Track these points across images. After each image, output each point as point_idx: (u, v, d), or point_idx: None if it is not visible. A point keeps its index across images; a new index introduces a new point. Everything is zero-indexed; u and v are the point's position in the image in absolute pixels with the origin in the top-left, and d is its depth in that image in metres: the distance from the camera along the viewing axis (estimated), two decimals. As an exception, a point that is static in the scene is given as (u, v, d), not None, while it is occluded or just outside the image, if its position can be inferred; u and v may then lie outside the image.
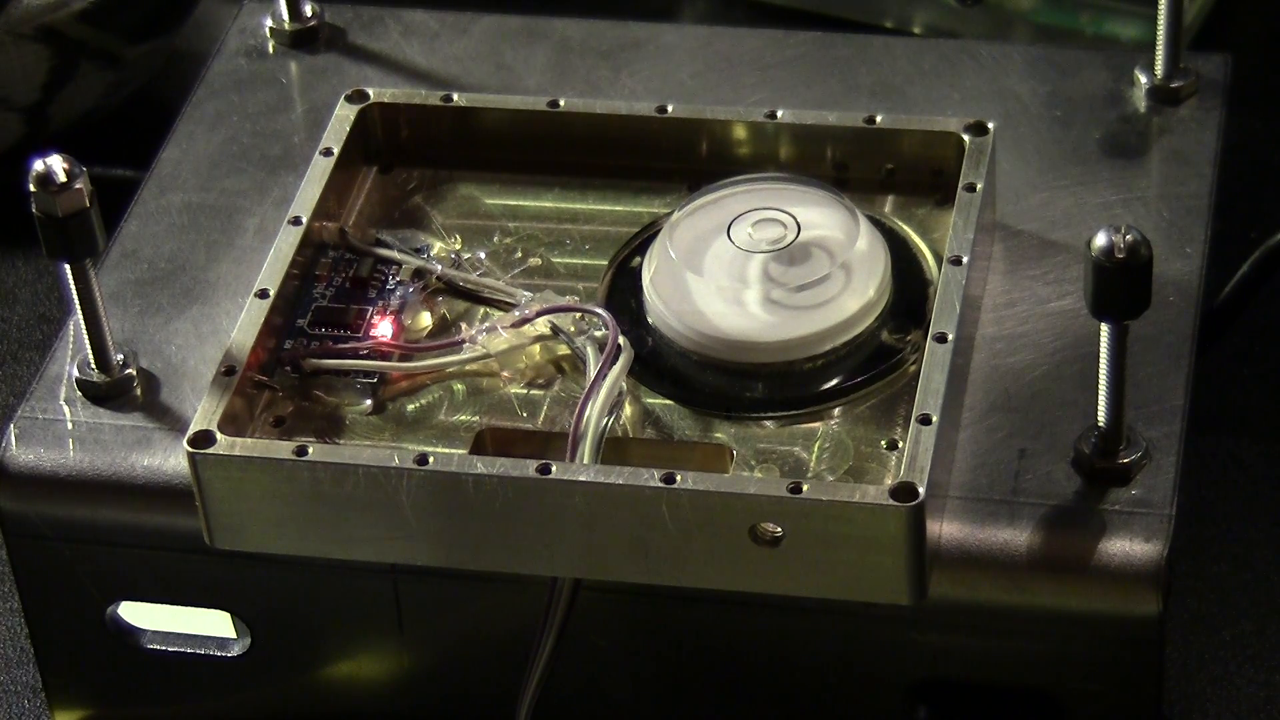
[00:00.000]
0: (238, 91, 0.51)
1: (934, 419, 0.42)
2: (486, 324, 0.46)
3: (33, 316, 0.56)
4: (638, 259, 0.46)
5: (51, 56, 0.59)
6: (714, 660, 0.44)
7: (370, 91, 0.49)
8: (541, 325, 0.45)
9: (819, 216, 0.45)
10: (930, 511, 0.40)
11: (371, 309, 0.46)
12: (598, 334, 0.45)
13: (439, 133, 0.49)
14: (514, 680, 0.42)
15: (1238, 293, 0.50)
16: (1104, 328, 0.41)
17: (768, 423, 0.44)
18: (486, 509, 0.42)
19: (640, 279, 0.46)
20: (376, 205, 0.49)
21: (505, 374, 0.45)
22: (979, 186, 0.46)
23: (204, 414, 0.43)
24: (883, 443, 0.43)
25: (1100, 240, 0.40)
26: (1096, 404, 0.42)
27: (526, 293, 0.46)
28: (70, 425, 0.45)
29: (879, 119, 0.47)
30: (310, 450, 0.42)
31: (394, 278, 0.47)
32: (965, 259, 0.44)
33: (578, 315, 0.45)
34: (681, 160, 0.48)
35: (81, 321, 0.45)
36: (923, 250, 0.46)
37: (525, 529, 0.42)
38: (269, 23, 0.52)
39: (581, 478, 0.41)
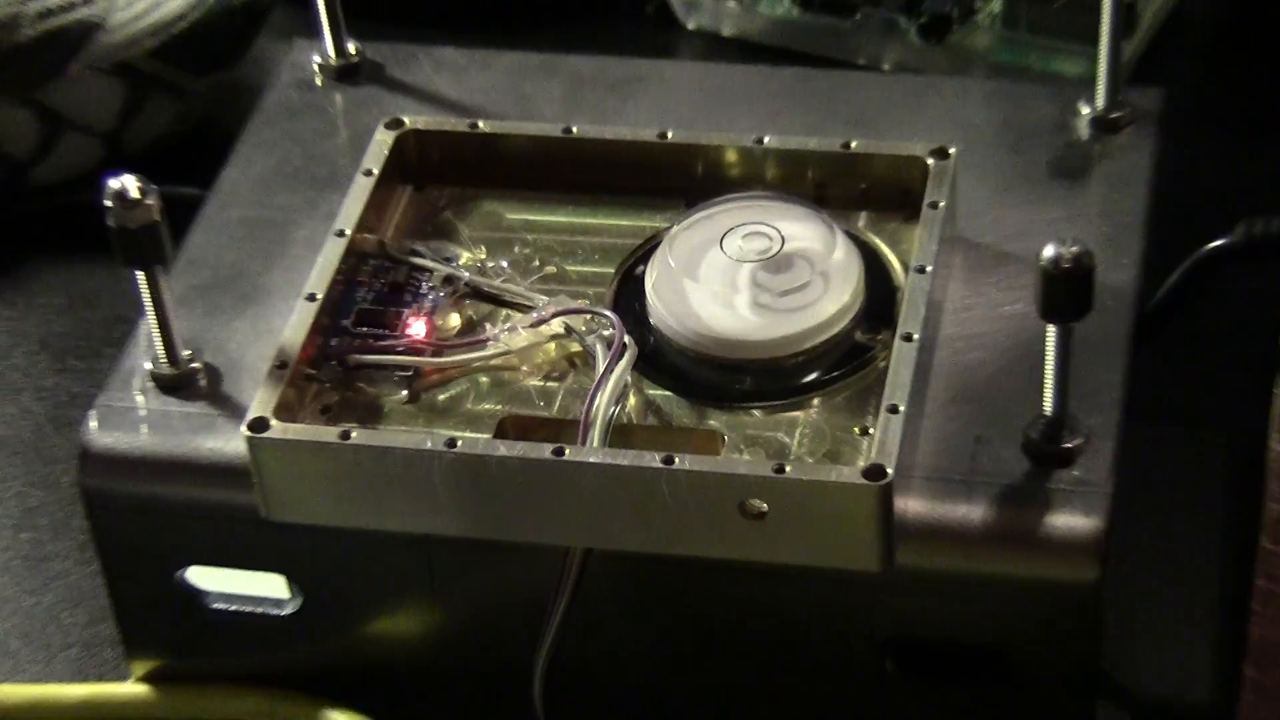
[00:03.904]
0: (289, 119, 0.52)
1: (901, 409, 0.42)
2: (508, 324, 0.46)
3: (111, 317, 0.57)
4: (641, 267, 0.47)
5: (126, 89, 0.60)
6: (707, 619, 0.45)
7: (406, 119, 0.50)
8: (556, 325, 0.46)
9: (800, 230, 0.46)
10: (897, 489, 0.41)
11: (407, 311, 0.47)
12: (605, 333, 0.45)
13: (466, 155, 0.50)
14: (532, 636, 0.43)
15: (1168, 299, 0.51)
16: (1051, 329, 0.41)
17: (755, 411, 0.45)
18: (508, 486, 0.42)
19: (643, 285, 0.46)
20: (411, 220, 0.49)
21: (524, 368, 0.46)
22: (941, 204, 0.46)
23: (260, 403, 0.43)
24: (856, 429, 0.44)
25: (1049, 251, 0.40)
26: (1043, 395, 0.43)
27: (543, 297, 0.47)
28: (143, 412, 0.45)
29: (854, 145, 0.48)
30: (353, 435, 0.43)
31: (427, 283, 0.47)
32: (929, 268, 0.45)
33: (588, 316, 0.46)
34: (679, 180, 0.49)
35: (153, 321, 0.45)
36: (892, 260, 0.47)
37: (542, 504, 0.42)
38: (317, 59, 0.53)
39: (591, 459, 0.42)
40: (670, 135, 0.49)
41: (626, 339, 0.45)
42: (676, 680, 0.46)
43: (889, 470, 0.41)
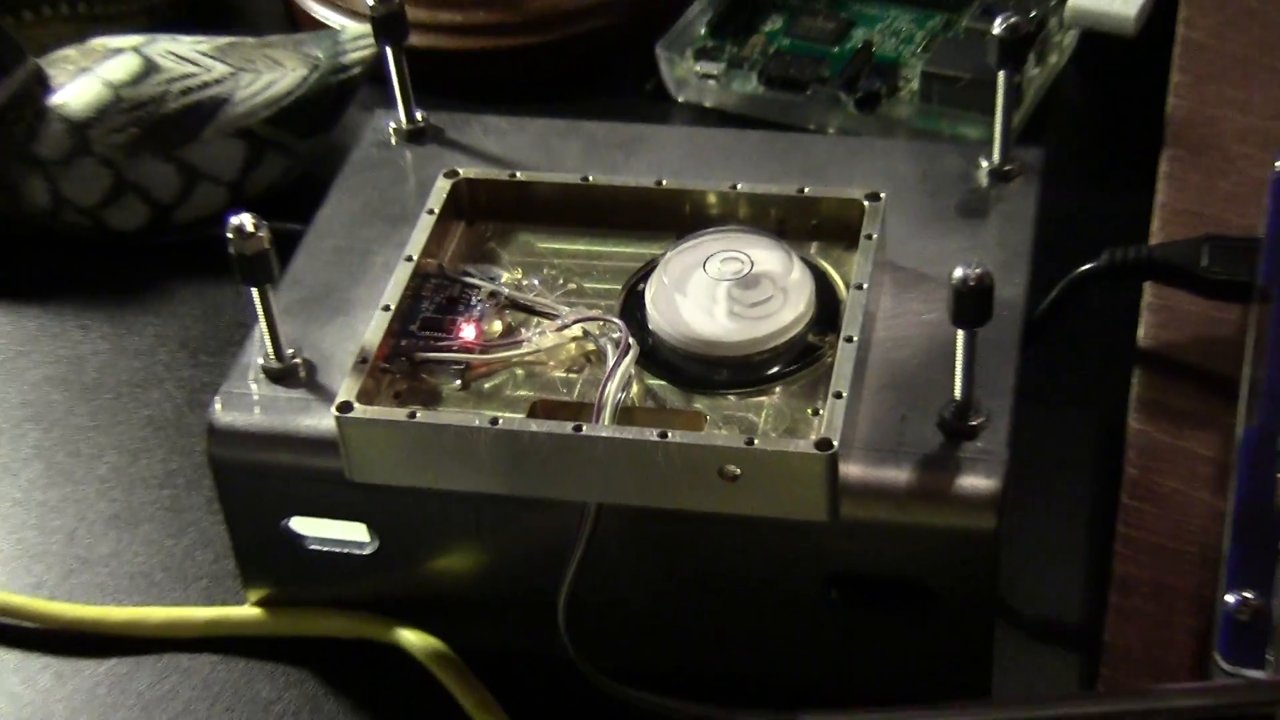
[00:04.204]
0: (370, 171, 0.52)
1: (844, 395, 0.42)
2: (538, 329, 0.46)
3: (233, 324, 0.57)
4: (641, 285, 0.46)
5: (247, 149, 0.60)
6: (693, 559, 0.44)
7: (460, 170, 0.49)
8: (576, 330, 0.46)
9: (765, 256, 0.46)
10: (841, 457, 0.41)
11: (460, 318, 0.46)
12: (614, 336, 0.45)
13: (506, 198, 0.49)
14: (557, 572, 0.43)
15: (1049, 310, 0.51)
16: (960, 332, 0.41)
17: (730, 397, 0.44)
18: (537, 455, 0.42)
19: (644, 298, 0.46)
20: (463, 248, 0.49)
21: (551, 363, 0.46)
22: (875, 236, 0.46)
23: (346, 390, 0.43)
24: (809, 411, 0.44)
25: (958, 273, 0.40)
26: (954, 384, 0.42)
27: (565, 307, 0.46)
28: (256, 397, 0.45)
29: (806, 190, 0.48)
30: (418, 414, 0.43)
31: (475, 297, 0.47)
32: (865, 285, 0.45)
33: (601, 323, 0.46)
34: (672, 218, 0.48)
35: (264, 327, 0.45)
36: (836, 279, 0.47)
37: (564, 468, 0.42)
38: (392, 124, 0.53)
39: (603, 434, 0.42)
40: (664, 183, 0.48)
41: (630, 340, 0.44)
42: (669, 608, 0.45)
43: (834, 442, 0.41)
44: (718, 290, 0.45)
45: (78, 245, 0.60)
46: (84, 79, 0.59)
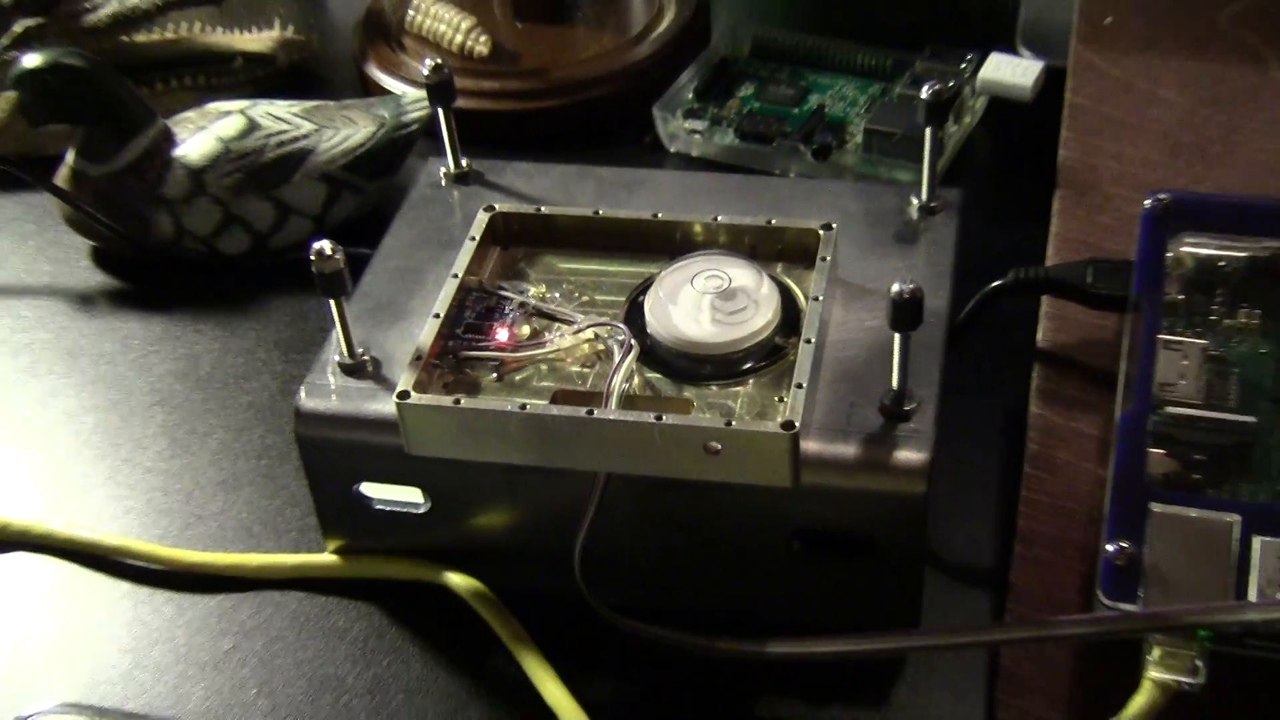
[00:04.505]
0: (425, 207, 0.50)
1: (803, 386, 0.41)
2: (559, 332, 0.45)
3: (315, 329, 0.56)
4: (641, 297, 0.45)
5: (327, 189, 0.58)
6: (683, 517, 0.43)
7: (496, 205, 0.48)
8: (589, 333, 0.44)
9: (741, 274, 0.45)
10: (801, 436, 0.40)
11: (496, 324, 0.45)
12: (619, 338, 0.44)
13: (533, 228, 0.48)
14: (573, 528, 0.42)
15: (967, 318, 0.49)
16: (897, 336, 0.40)
17: (713, 387, 0.43)
18: (558, 433, 0.41)
19: (644, 308, 0.45)
20: (499, 268, 0.48)
21: (569, 360, 0.44)
22: (828, 259, 0.45)
23: (404, 381, 0.42)
24: (776, 399, 0.42)
25: (895, 288, 0.39)
26: (892, 377, 0.41)
27: (580, 315, 0.45)
28: (333, 387, 0.44)
29: (773, 221, 0.46)
30: (462, 401, 0.41)
31: (508, 307, 0.46)
32: (820, 298, 0.44)
33: (608, 327, 0.44)
34: (666, 243, 0.47)
35: (339, 331, 0.44)
36: (798, 293, 0.45)
37: (579, 444, 0.41)
38: (443, 169, 0.51)
39: (610, 417, 0.41)
40: (659, 216, 0.47)
41: (632, 342, 0.43)
42: (663, 557, 0.44)
43: (796, 424, 0.40)
44: (702, 301, 0.44)
45: (194, 267, 0.59)
46: (201, 135, 0.58)
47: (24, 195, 0.63)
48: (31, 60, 0.56)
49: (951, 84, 0.56)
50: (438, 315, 0.44)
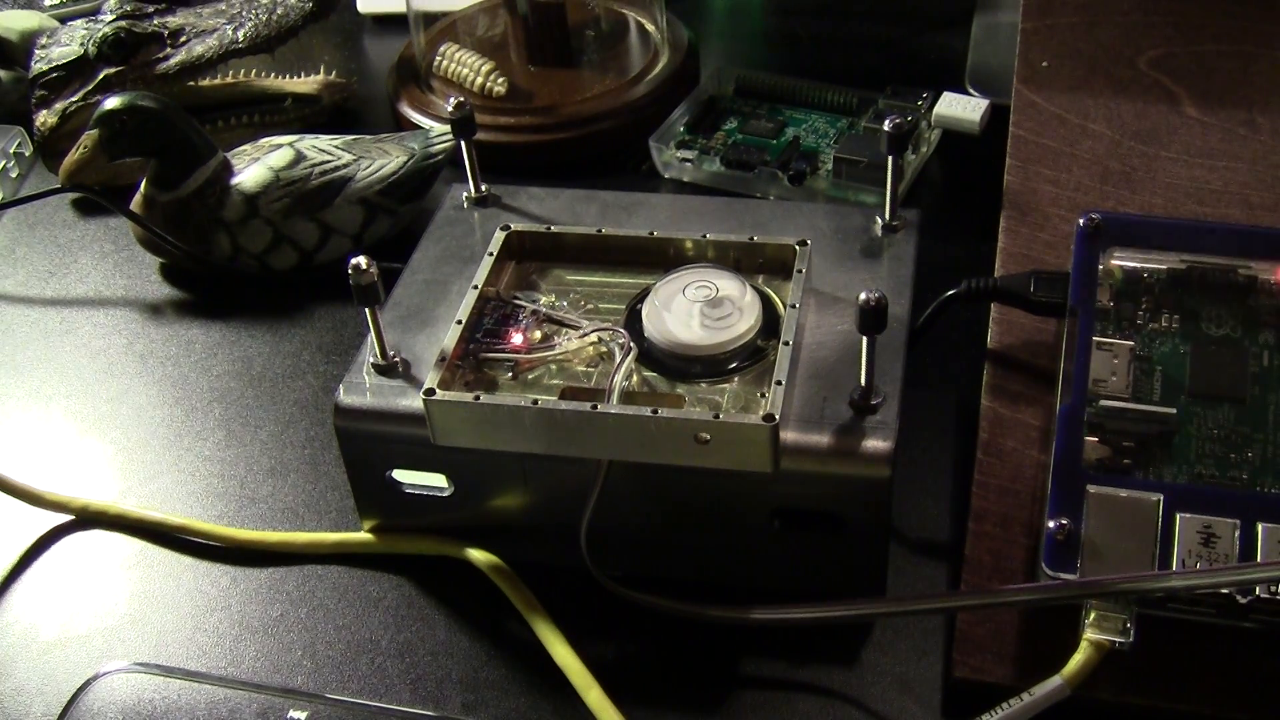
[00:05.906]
0: (450, 226, 0.49)
1: (782, 382, 0.40)
2: (567, 336, 0.44)
3: (353, 334, 0.55)
4: (639, 305, 0.44)
5: (365, 211, 0.58)
6: (676, 499, 0.42)
7: (512, 225, 0.47)
8: (593, 337, 0.44)
9: (727, 284, 0.44)
10: (780, 427, 0.39)
11: (512, 329, 0.44)
12: (620, 341, 0.43)
13: (544, 245, 0.47)
14: (579, 508, 0.41)
15: (925, 322, 0.49)
16: (864, 339, 0.40)
17: (702, 384, 0.42)
18: (566, 425, 0.40)
19: (642, 314, 0.44)
20: (514, 280, 0.47)
21: (575, 361, 0.43)
22: (803, 271, 0.44)
23: (431, 380, 0.41)
24: (758, 394, 0.42)
25: (863, 296, 0.39)
26: (860, 375, 0.40)
27: (586, 321, 0.44)
28: (369, 385, 0.43)
29: (755, 238, 0.46)
30: (481, 397, 0.41)
31: (523, 314, 0.45)
32: (797, 305, 0.43)
33: (610, 332, 0.44)
34: (661, 257, 0.46)
35: (373, 335, 0.43)
36: (777, 301, 0.45)
37: (585, 433, 0.40)
38: (465, 194, 0.51)
39: (612, 411, 0.40)
40: (655, 234, 0.46)
41: (631, 344, 0.43)
42: (659, 535, 0.43)
43: (776, 416, 0.39)
44: (693, 309, 0.43)
45: (249, 280, 0.58)
46: (255, 166, 0.57)
47: (104, 219, 0.63)
48: (111, 103, 0.57)
49: (910, 119, 0.56)
50: (460, 322, 0.44)
